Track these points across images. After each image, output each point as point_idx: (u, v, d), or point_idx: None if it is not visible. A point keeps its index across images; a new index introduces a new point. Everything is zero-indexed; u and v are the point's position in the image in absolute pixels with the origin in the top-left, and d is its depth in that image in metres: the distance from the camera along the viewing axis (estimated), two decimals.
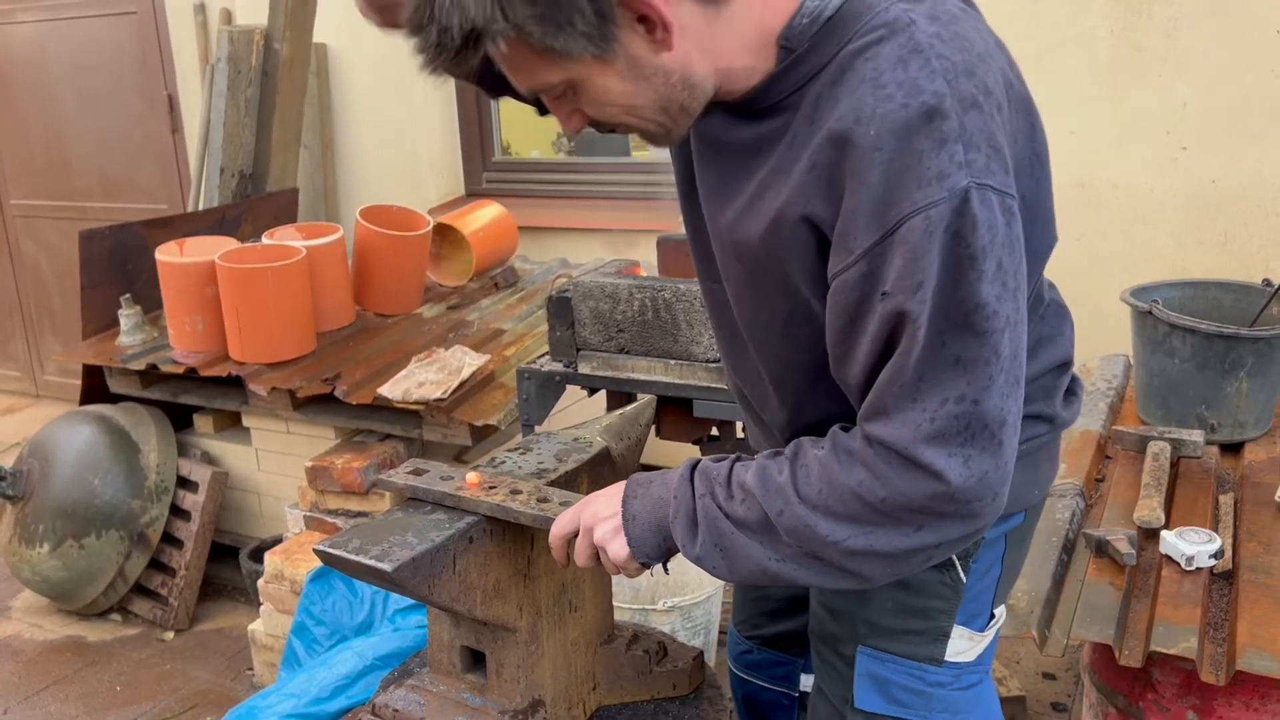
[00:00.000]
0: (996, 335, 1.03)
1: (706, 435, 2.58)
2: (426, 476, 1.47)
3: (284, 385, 3.06)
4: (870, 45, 1.05)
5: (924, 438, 1.03)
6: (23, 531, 3.27)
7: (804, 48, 1.09)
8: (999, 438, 1.05)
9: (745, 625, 1.77)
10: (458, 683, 1.55)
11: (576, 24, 1.01)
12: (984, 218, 1.00)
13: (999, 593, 1.39)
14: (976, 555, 1.32)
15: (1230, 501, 2.04)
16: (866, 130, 1.01)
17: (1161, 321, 2.23)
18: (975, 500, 1.06)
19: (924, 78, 1.01)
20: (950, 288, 1.01)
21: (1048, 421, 1.32)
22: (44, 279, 5.22)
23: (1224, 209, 2.99)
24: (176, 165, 4.67)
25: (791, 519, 1.11)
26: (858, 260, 1.04)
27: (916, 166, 1.00)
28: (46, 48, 4.83)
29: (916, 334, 1.02)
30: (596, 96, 1.10)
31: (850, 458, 1.09)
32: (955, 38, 1.06)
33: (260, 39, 3.82)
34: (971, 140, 1.01)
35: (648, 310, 2.34)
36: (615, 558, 1.25)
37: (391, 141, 4.19)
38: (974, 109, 1.02)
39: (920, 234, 1.00)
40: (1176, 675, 1.72)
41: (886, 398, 1.06)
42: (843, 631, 1.39)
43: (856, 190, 1.02)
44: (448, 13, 1.01)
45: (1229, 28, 2.88)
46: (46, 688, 3.04)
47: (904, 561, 1.11)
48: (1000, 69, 1.10)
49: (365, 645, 2.32)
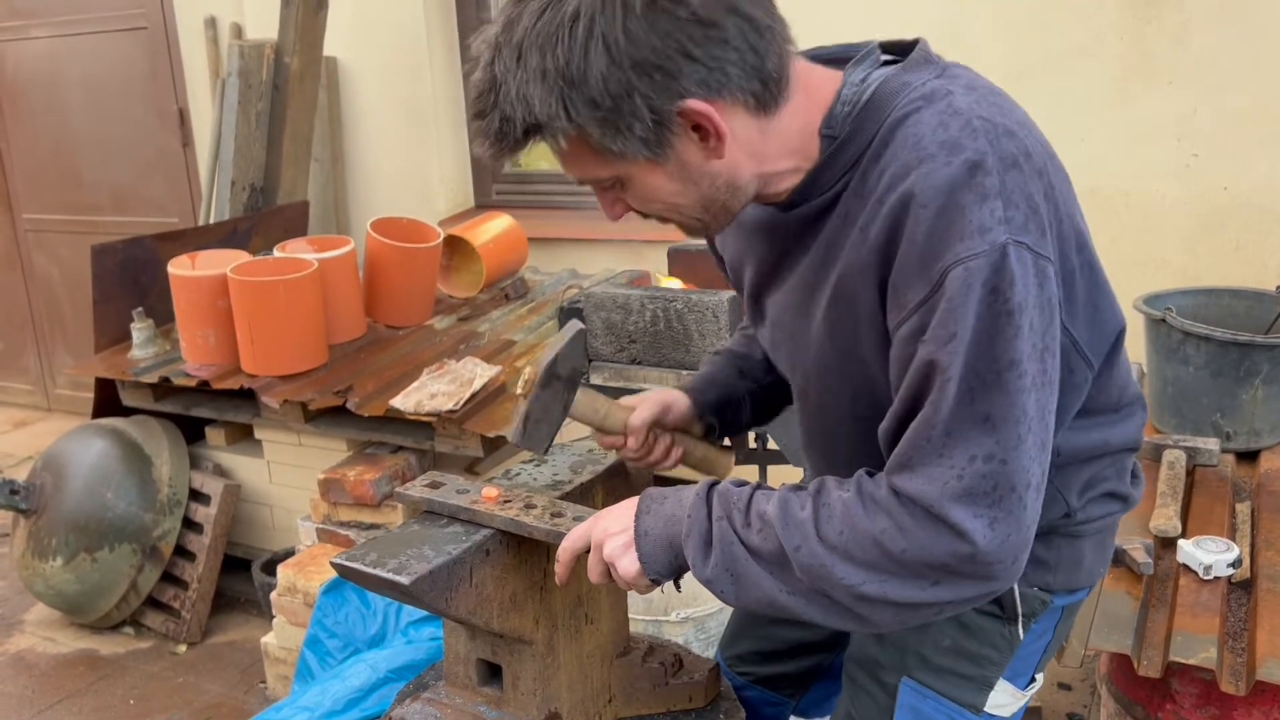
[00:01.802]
0: (1025, 395, 1.03)
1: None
2: (443, 490, 1.47)
3: (296, 398, 3.06)
4: (910, 115, 1.08)
5: (951, 496, 1.03)
6: (36, 545, 3.27)
7: (846, 132, 1.12)
8: (1024, 500, 1.05)
9: (737, 661, 1.74)
10: (474, 696, 1.55)
11: (635, 129, 1.05)
12: (1020, 275, 1.02)
13: (1044, 659, 1.40)
14: (1039, 617, 1.33)
15: (1247, 510, 2.03)
16: (912, 190, 1.04)
17: (1175, 329, 2.22)
18: (997, 563, 1.06)
19: (965, 137, 1.04)
20: (985, 343, 1.01)
21: (1122, 500, 1.34)
22: (56, 292, 5.25)
23: (1235, 216, 2.98)
24: (187, 179, 4.69)
25: (808, 556, 1.10)
26: (910, 315, 1.06)
27: (960, 220, 1.02)
28: (58, 63, 4.86)
29: (946, 386, 1.03)
30: (643, 194, 1.14)
31: (875, 505, 1.09)
32: (993, 105, 1.09)
33: (271, 53, 3.83)
34: (1011, 198, 1.02)
35: (659, 321, 2.35)
36: (625, 574, 1.24)
37: (401, 154, 4.20)
38: (1014, 168, 1.04)
39: (959, 285, 1.01)
40: (1195, 685, 1.71)
41: (913, 451, 1.06)
42: (888, 659, 1.37)
43: (906, 247, 1.05)
44: (513, 104, 1.04)
45: (1240, 34, 2.87)
46: (60, 701, 3.05)
47: (914, 612, 1.11)
48: (1041, 140, 1.12)
49: (378, 658, 2.32)
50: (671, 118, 1.05)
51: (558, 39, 1.01)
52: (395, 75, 4.08)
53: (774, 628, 1.67)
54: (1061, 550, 1.30)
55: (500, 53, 1.05)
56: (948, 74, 1.14)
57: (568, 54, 1.01)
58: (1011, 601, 1.31)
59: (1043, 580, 1.31)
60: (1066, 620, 1.40)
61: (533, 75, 1.03)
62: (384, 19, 4.06)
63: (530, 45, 1.03)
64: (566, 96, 1.02)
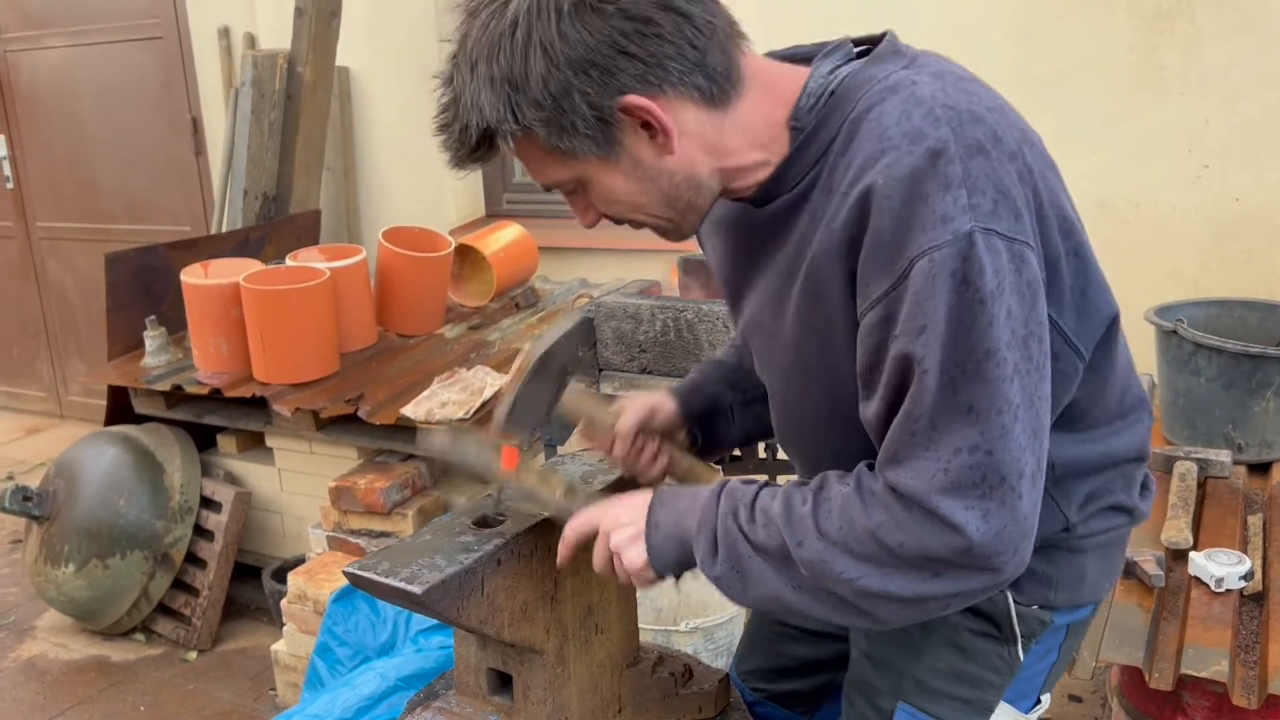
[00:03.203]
0: (1007, 383, 1.02)
1: (729, 456, 2.58)
2: (463, 442, 1.45)
3: (307, 406, 3.07)
4: (874, 106, 1.08)
5: (940, 489, 1.03)
6: (48, 551, 3.29)
7: (812, 125, 1.13)
8: (1018, 490, 1.04)
9: (751, 677, 1.72)
10: (484, 705, 1.55)
11: (579, 127, 1.08)
12: (990, 262, 1.01)
13: (1049, 679, 1.38)
14: (1040, 637, 1.31)
15: (1259, 522, 2.03)
16: (876, 181, 1.04)
17: (1187, 341, 2.22)
18: (996, 555, 1.05)
19: (928, 125, 1.04)
20: (960, 334, 1.01)
21: (1127, 513, 1.31)
22: (69, 300, 5.28)
23: (1247, 226, 2.98)
24: (200, 188, 4.72)
25: (809, 552, 1.10)
26: (875, 304, 1.05)
27: (923, 210, 1.01)
28: (73, 72, 4.90)
29: (925, 379, 1.02)
30: (603, 194, 1.16)
31: (873, 499, 1.08)
32: (961, 91, 1.08)
33: (283, 63, 3.86)
34: (976, 185, 1.02)
35: (670, 331, 2.35)
36: (630, 565, 1.24)
37: (413, 163, 4.22)
38: (979, 154, 1.03)
39: (925, 276, 1.01)
40: (1207, 698, 1.70)
41: (899, 444, 1.06)
42: (884, 684, 1.36)
43: (871, 239, 1.05)
44: (468, 112, 1.09)
45: (1251, 45, 2.87)
46: (71, 707, 3.06)
47: (920, 606, 1.10)
48: (1016, 125, 1.11)
49: (388, 666, 2.33)
50: (613, 114, 1.07)
51: (500, 47, 1.05)
52: (407, 85, 4.10)
53: (785, 644, 1.67)
54: (1061, 565, 1.27)
55: (458, 68, 1.10)
56: (916, 64, 1.13)
57: (509, 59, 1.05)
58: (1009, 622, 1.29)
59: (1043, 597, 1.28)
60: (1073, 639, 1.37)
61: (482, 83, 1.07)
62: (396, 29, 4.09)
63: (479, 55, 1.07)
64: (512, 100, 1.06)
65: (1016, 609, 1.28)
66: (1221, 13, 2.88)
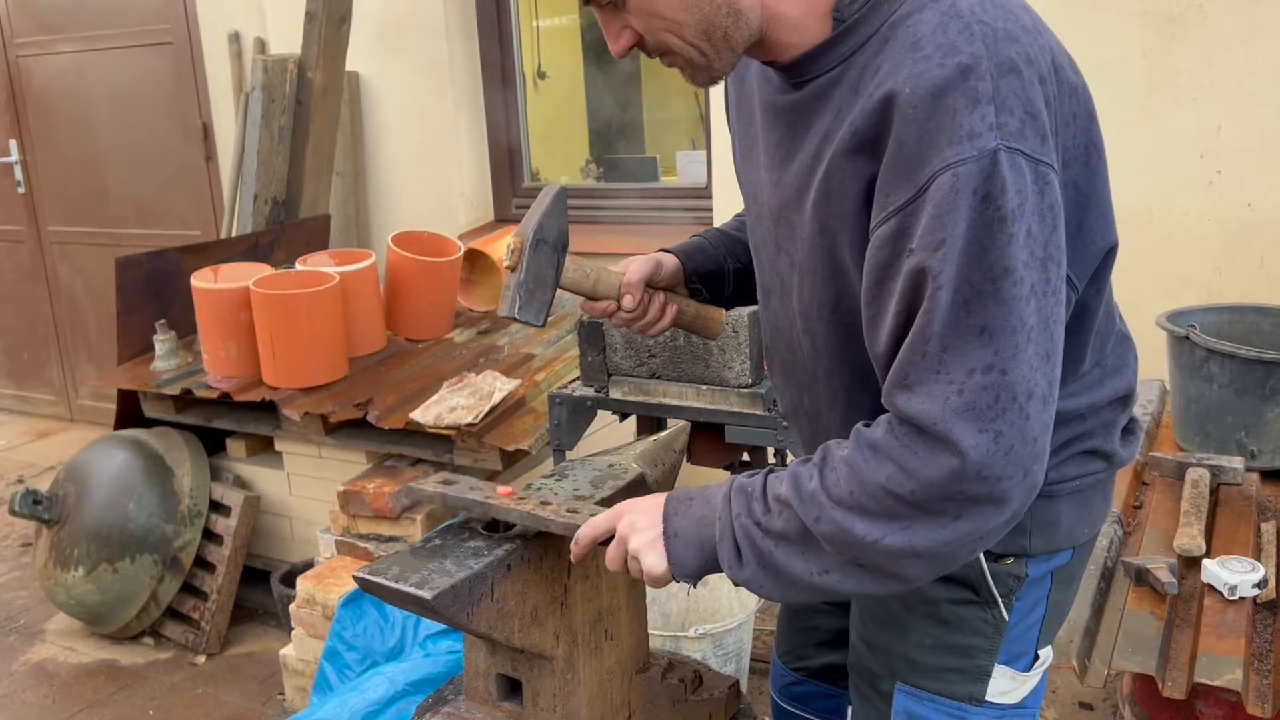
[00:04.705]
0: (1023, 303, 1.01)
1: (739, 461, 2.57)
2: (457, 486, 1.47)
3: (317, 410, 3.08)
4: (912, 14, 1.08)
5: (954, 411, 1.01)
6: (58, 555, 3.30)
7: (854, 18, 1.13)
8: (1027, 410, 1.02)
9: (790, 656, 1.73)
10: (494, 710, 1.55)
11: None
12: (1013, 182, 1.00)
13: (1044, 633, 1.35)
14: (1020, 593, 1.29)
15: (1272, 529, 2.01)
16: (904, 90, 1.03)
17: (1199, 347, 2.21)
18: (1005, 478, 1.03)
19: (962, 40, 1.03)
20: (978, 251, 1.00)
21: (1105, 459, 1.28)
22: (80, 304, 5.30)
23: (1260, 232, 2.96)
24: (210, 192, 4.74)
25: (828, 524, 1.09)
26: (891, 216, 1.05)
27: (949, 124, 1.01)
28: (84, 77, 4.92)
29: (938, 295, 1.01)
30: (643, 5, 1.15)
31: (875, 453, 1.07)
32: (999, 9, 1.07)
33: (294, 68, 3.87)
34: (1005, 104, 1.01)
35: (679, 335, 2.34)
36: (650, 571, 1.24)
37: (422, 168, 4.22)
38: (1012, 73, 1.02)
39: (947, 191, 1.00)
40: (1220, 707, 1.69)
41: (910, 368, 1.04)
42: (880, 667, 1.37)
43: (894, 149, 1.04)
44: None
45: (1264, 50, 2.86)
46: (80, 711, 3.06)
47: (948, 558, 1.09)
48: (1049, 48, 1.10)
49: (396, 671, 2.32)
50: None
51: None
52: (417, 90, 4.11)
53: (816, 618, 1.67)
54: (1035, 511, 1.22)
55: None
56: None
57: None
58: (985, 584, 1.27)
59: (1018, 545, 1.26)
60: (1061, 588, 1.34)
61: None
62: (406, 34, 4.10)
63: None
64: None
65: (990, 568, 1.27)
66: (1234, 18, 2.87)
